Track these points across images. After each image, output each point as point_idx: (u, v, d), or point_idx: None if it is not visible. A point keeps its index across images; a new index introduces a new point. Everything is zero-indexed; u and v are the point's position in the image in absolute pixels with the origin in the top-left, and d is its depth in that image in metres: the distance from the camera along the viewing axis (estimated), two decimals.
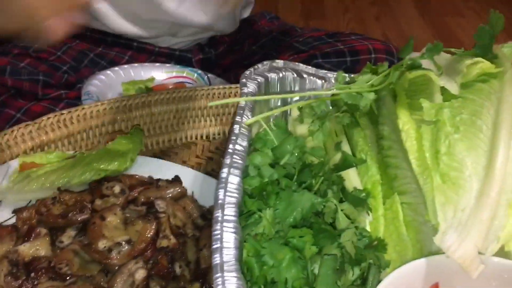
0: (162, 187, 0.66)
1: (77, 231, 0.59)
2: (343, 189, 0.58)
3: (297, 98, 0.81)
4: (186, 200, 0.66)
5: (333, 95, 0.69)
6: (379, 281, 0.55)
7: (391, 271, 0.55)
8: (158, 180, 0.69)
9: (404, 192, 0.63)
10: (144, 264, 0.56)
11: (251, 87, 0.71)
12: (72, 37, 1.17)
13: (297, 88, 0.84)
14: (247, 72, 0.76)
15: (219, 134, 0.90)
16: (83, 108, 0.82)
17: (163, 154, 0.84)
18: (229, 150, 0.54)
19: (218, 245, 0.44)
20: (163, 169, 0.76)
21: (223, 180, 0.51)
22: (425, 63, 0.67)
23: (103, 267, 0.56)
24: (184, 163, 0.83)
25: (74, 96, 1.03)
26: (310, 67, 0.86)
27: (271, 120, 0.70)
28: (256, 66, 0.80)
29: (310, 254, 0.48)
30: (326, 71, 0.86)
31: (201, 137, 0.89)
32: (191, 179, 0.74)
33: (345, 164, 0.60)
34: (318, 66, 1.09)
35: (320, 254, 0.49)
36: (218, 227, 0.46)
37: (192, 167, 0.79)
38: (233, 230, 0.46)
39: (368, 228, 0.61)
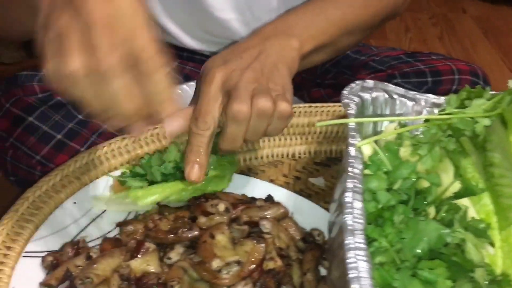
0: (265, 207, 0.65)
1: (185, 248, 0.58)
2: (465, 220, 0.55)
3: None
4: (288, 222, 0.64)
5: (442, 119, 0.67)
6: None
7: None
8: (254, 198, 0.68)
9: None
10: (252, 286, 0.55)
11: (353, 107, 0.69)
12: None
13: (387, 109, 0.82)
14: (345, 92, 0.74)
15: (304, 153, 0.88)
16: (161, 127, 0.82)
17: (250, 171, 0.83)
18: (350, 174, 0.53)
19: (356, 274, 0.43)
20: (255, 188, 0.75)
21: (349, 205, 0.49)
22: None
23: (211, 287, 0.56)
24: (272, 181, 0.82)
25: None
26: (399, 87, 0.84)
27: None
28: (351, 86, 0.78)
29: None
30: (415, 92, 0.84)
31: (287, 155, 0.88)
32: (284, 199, 0.73)
33: (466, 192, 0.58)
34: (398, 86, 1.07)
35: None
36: (351, 254, 0.44)
37: (281, 186, 0.78)
38: (365, 258, 0.45)
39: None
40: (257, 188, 0.75)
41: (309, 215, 0.71)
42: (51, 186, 0.68)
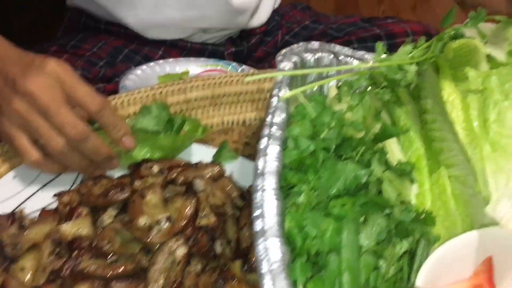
0: (201, 167, 0.65)
1: (118, 211, 0.59)
2: (386, 162, 0.55)
3: (334, 73, 0.79)
4: (225, 180, 0.65)
5: (371, 69, 0.67)
6: (428, 256, 0.53)
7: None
8: (197, 163, 0.69)
9: (451, 165, 0.60)
10: (185, 241, 0.55)
11: (287, 65, 0.69)
12: (107, 34, 1.19)
13: (333, 70, 0.82)
14: (283, 51, 0.74)
15: (255, 119, 0.88)
16: (120, 97, 0.82)
17: (200, 140, 0.83)
18: (268, 121, 0.53)
19: (260, 211, 0.43)
20: (200, 154, 0.75)
21: (262, 149, 0.49)
22: (468, 33, 0.65)
23: (144, 246, 0.56)
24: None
25: (112, 89, 1.04)
26: (347, 48, 0.84)
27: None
28: (292, 47, 0.78)
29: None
30: (364, 52, 0.84)
31: (238, 122, 0.88)
32: (229, 163, 0.73)
33: (385, 134, 0.58)
34: None
35: (366, 224, 0.48)
36: (259, 194, 0.45)
37: (231, 151, 0.78)
38: (275, 197, 0.45)
39: (414, 203, 0.58)
40: (204, 154, 0.76)
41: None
42: None
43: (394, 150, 0.61)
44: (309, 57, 0.78)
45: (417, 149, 0.62)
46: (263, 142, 0.50)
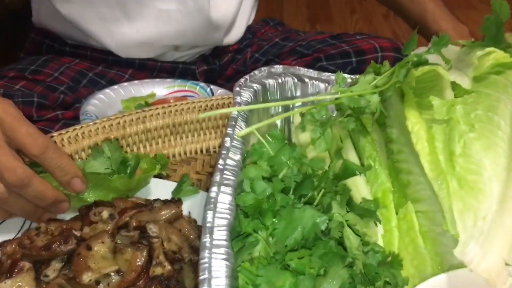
0: (156, 209, 0.61)
1: (63, 264, 0.54)
2: (349, 200, 0.52)
3: (299, 104, 0.76)
4: (182, 222, 0.61)
5: (336, 99, 0.64)
6: None
7: None
8: (156, 200, 0.65)
9: (419, 200, 0.57)
10: None
11: (245, 95, 0.66)
12: (72, 56, 1.14)
13: (298, 94, 0.79)
14: (242, 80, 0.71)
15: (219, 147, 0.85)
16: (74, 129, 0.78)
17: (161, 170, 0.79)
18: (219, 166, 0.49)
19: (206, 275, 0.39)
20: (159, 189, 0.71)
21: (212, 200, 0.46)
22: (432, 58, 0.62)
23: None
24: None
25: (71, 116, 1.00)
26: (312, 70, 0.81)
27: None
28: (252, 73, 0.75)
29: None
30: (329, 74, 0.81)
31: (201, 151, 0.84)
32: (189, 197, 0.69)
33: (346, 172, 0.55)
34: (322, 69, 1.04)
35: (326, 276, 0.44)
36: (206, 254, 0.41)
37: (193, 185, 0.74)
38: (223, 256, 0.41)
39: (380, 243, 0.55)
40: (163, 189, 0.72)
41: None
42: None
43: (359, 184, 0.58)
44: (272, 82, 0.75)
45: (382, 183, 0.59)
46: (213, 191, 0.46)
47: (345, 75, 0.79)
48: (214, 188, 0.47)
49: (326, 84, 0.80)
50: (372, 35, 1.12)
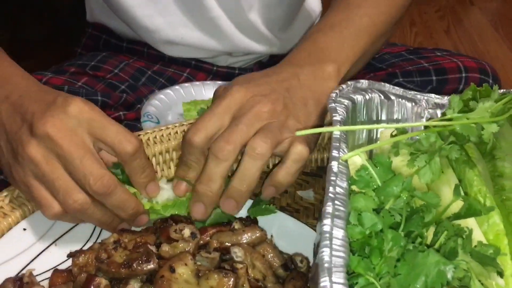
0: (238, 231, 0.56)
1: (142, 283, 0.50)
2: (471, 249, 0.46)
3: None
4: (265, 247, 0.56)
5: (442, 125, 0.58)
6: None
7: None
8: (232, 224, 0.60)
9: None
10: None
11: (341, 113, 0.61)
12: (129, 53, 1.11)
13: (384, 112, 0.74)
14: (333, 95, 0.66)
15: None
16: (146, 133, 0.74)
17: None
18: (330, 195, 0.44)
19: None
20: None
21: (327, 235, 0.40)
22: None
23: None
24: (255, 196, 0.73)
25: (133, 117, 0.96)
26: (397, 87, 0.76)
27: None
28: (340, 88, 0.70)
29: None
30: (414, 92, 0.76)
31: (273, 166, 0.79)
32: (267, 218, 0.64)
33: (469, 212, 0.48)
34: (399, 86, 0.98)
35: None
36: None
37: (270, 204, 0.68)
38: None
39: None
40: None
41: (294, 236, 0.62)
42: None
43: (470, 225, 0.52)
44: (359, 98, 0.70)
45: (495, 224, 0.53)
46: (327, 224, 0.41)
47: (443, 98, 0.73)
48: (328, 221, 0.41)
49: (412, 103, 0.75)
50: (453, 52, 1.05)
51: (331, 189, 0.45)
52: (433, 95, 0.74)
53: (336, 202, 0.44)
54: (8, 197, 0.61)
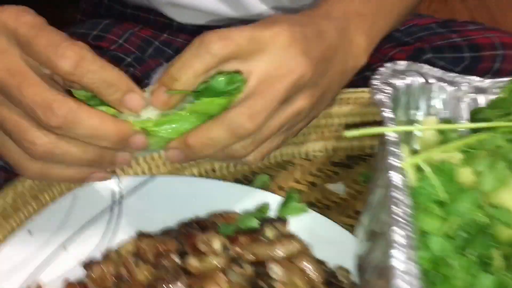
0: (274, 242, 0.50)
1: None
2: None
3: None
4: (305, 260, 0.49)
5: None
6: None
7: None
8: (264, 224, 0.53)
9: None
10: None
11: (389, 106, 0.53)
12: (134, 21, 1.02)
13: (423, 98, 0.67)
14: (376, 82, 0.58)
15: (320, 151, 0.73)
16: None
17: (254, 175, 0.68)
18: (395, 217, 0.37)
19: None
20: (260, 201, 0.60)
21: (398, 272, 0.34)
22: None
23: None
24: (280, 189, 0.67)
25: None
26: (435, 69, 0.69)
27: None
28: (380, 70, 0.63)
29: None
30: (454, 74, 0.69)
31: (299, 155, 0.72)
32: (300, 219, 0.58)
33: None
34: (429, 63, 0.89)
35: None
36: None
37: (301, 201, 0.61)
38: None
39: None
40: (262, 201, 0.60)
41: (329, 240, 0.56)
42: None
43: None
44: (400, 83, 0.63)
45: None
46: (398, 258, 0.34)
47: (484, 80, 0.66)
48: (399, 254, 0.35)
49: (454, 88, 0.68)
50: (488, 26, 0.97)
51: (395, 209, 0.38)
52: (473, 77, 0.68)
53: (405, 228, 0.37)
54: (10, 195, 0.54)
